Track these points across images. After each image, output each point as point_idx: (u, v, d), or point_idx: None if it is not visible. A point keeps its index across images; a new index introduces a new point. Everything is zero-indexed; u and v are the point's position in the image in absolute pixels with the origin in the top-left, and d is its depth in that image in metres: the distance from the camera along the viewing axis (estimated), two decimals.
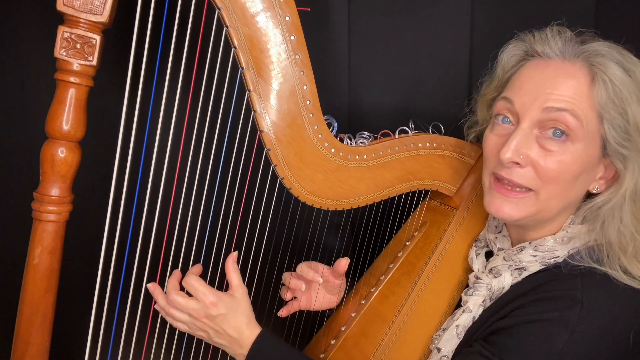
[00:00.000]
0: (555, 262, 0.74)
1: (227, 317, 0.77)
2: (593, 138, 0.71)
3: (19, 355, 0.71)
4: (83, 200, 0.76)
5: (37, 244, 0.69)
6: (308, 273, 0.91)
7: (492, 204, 0.76)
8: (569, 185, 0.72)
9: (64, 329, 0.80)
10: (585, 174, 0.73)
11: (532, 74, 0.74)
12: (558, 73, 0.72)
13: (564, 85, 0.70)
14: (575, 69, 0.71)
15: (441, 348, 0.79)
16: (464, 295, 0.83)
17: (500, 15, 1.13)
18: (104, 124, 0.81)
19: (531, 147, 0.71)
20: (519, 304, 0.72)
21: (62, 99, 0.67)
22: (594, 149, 0.71)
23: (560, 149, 0.70)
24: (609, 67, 0.69)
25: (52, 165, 0.68)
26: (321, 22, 1.06)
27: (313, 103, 0.78)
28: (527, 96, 0.72)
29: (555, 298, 0.69)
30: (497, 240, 0.84)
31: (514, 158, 0.71)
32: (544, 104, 0.70)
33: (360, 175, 0.86)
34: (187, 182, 0.76)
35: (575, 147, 0.70)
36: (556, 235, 0.76)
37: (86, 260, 0.85)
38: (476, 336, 0.77)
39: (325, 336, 0.97)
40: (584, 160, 0.71)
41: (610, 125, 0.69)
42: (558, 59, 0.73)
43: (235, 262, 0.81)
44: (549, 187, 0.72)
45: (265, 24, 0.73)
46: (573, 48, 0.73)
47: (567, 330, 0.65)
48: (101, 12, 0.66)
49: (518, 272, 0.77)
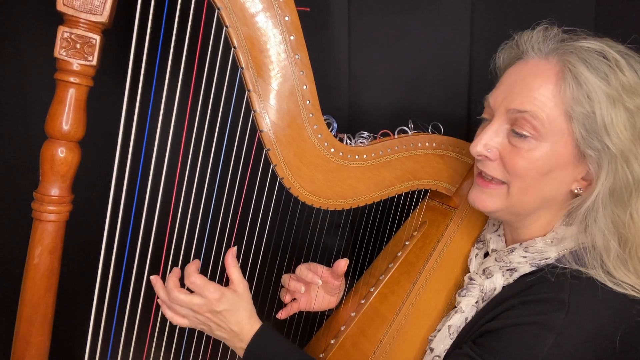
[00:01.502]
0: (546, 263, 0.74)
1: (230, 312, 0.77)
2: (562, 136, 0.70)
3: (19, 355, 0.71)
4: (83, 200, 0.76)
5: (37, 244, 0.69)
6: (307, 275, 0.92)
7: (472, 194, 0.80)
8: (537, 181, 0.73)
9: (63, 328, 0.80)
10: (559, 172, 0.72)
11: (510, 73, 0.76)
12: (530, 72, 0.73)
13: (532, 84, 0.71)
14: (548, 67, 0.71)
15: (434, 348, 0.79)
16: (457, 296, 0.83)
17: (500, 15, 1.13)
18: (104, 123, 0.81)
19: (500, 142, 0.74)
20: (508, 306, 0.72)
21: (62, 99, 0.67)
22: (564, 147, 0.71)
23: (526, 146, 0.71)
24: (577, 66, 0.68)
25: (52, 165, 0.68)
26: (321, 22, 1.06)
27: (313, 103, 0.78)
28: (500, 96, 0.75)
29: (543, 301, 0.69)
30: (491, 241, 0.85)
31: (482, 151, 0.75)
32: (508, 105, 0.73)
33: (360, 175, 0.86)
34: (186, 181, 0.76)
35: (540, 145, 0.71)
36: (545, 237, 0.76)
37: (86, 260, 0.85)
38: (466, 338, 0.77)
39: (324, 336, 0.97)
40: (552, 158, 0.71)
41: (578, 124, 0.69)
42: (536, 58, 0.74)
43: (235, 257, 0.81)
44: (516, 182, 0.74)
45: (264, 24, 0.73)
46: (551, 45, 0.73)
47: (552, 333, 0.65)
48: (101, 12, 0.66)
49: (509, 273, 0.77)
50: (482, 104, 0.81)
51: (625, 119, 0.67)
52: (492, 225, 0.88)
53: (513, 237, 0.82)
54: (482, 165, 0.77)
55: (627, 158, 0.68)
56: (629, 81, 0.68)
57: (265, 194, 0.81)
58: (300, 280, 0.93)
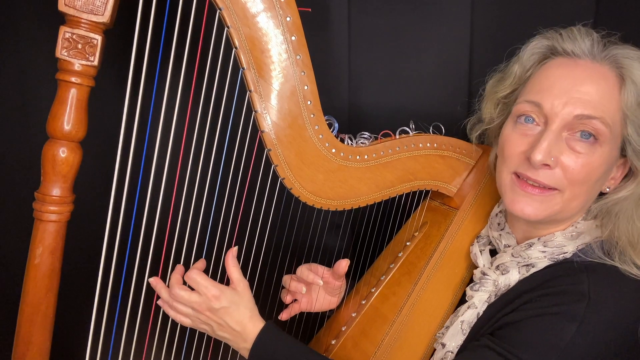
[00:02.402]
0: (564, 257, 0.75)
1: (229, 310, 0.77)
2: (617, 139, 0.72)
3: (20, 355, 0.71)
4: (84, 200, 0.76)
5: (38, 244, 0.69)
6: (308, 276, 0.91)
7: (517, 203, 0.75)
8: (592, 186, 0.73)
9: (64, 328, 0.80)
10: (607, 175, 0.75)
11: (561, 73, 0.73)
12: (588, 74, 0.72)
13: (594, 88, 0.71)
14: (604, 70, 0.72)
15: (446, 344, 0.79)
16: (469, 290, 0.82)
17: (501, 16, 1.13)
18: (105, 124, 0.81)
19: (562, 150, 0.71)
20: (527, 299, 0.72)
21: (63, 99, 0.67)
22: (616, 150, 0.73)
23: (589, 151, 0.71)
24: (633, 71, 0.71)
25: (54, 165, 0.68)
26: (321, 22, 1.06)
27: (314, 103, 0.78)
28: (558, 99, 0.71)
29: (563, 293, 0.70)
30: (501, 238, 0.84)
31: (546, 160, 0.71)
32: (574, 111, 0.70)
33: (361, 176, 0.86)
34: (188, 182, 0.76)
35: (602, 150, 0.71)
36: (565, 231, 0.77)
37: (87, 260, 0.85)
38: (483, 331, 0.77)
39: (325, 336, 0.97)
40: (607, 162, 0.72)
41: (634, 126, 0.71)
42: (587, 59, 0.73)
43: (235, 257, 0.81)
44: (574, 188, 0.72)
45: (266, 25, 0.73)
46: (601, 49, 0.73)
47: (574, 323, 0.66)
48: (102, 12, 0.66)
49: (526, 268, 0.77)
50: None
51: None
52: (496, 224, 0.88)
53: (526, 235, 0.81)
54: (534, 174, 0.73)
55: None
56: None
57: (266, 194, 0.81)
58: (301, 281, 0.93)
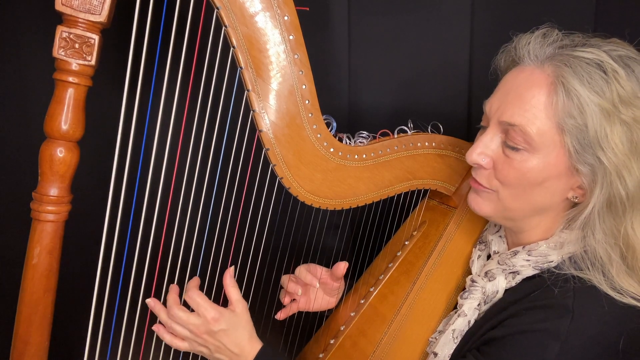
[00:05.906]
0: (549, 267, 0.74)
1: (228, 333, 0.77)
2: (554, 148, 0.69)
3: (18, 355, 0.71)
4: (82, 200, 0.76)
5: (35, 244, 0.69)
6: (306, 277, 0.91)
7: (469, 197, 0.81)
8: (529, 190, 0.72)
9: (63, 328, 0.80)
10: (552, 182, 0.71)
11: (506, 80, 0.75)
12: (525, 80, 0.71)
13: (525, 95, 0.70)
14: (542, 76, 0.69)
15: (438, 352, 0.79)
16: (459, 298, 0.82)
17: (500, 16, 1.13)
18: (103, 123, 0.81)
19: (496, 152, 0.74)
20: (512, 313, 0.72)
21: (60, 99, 0.67)
22: (557, 159, 0.70)
23: (518, 157, 0.71)
24: (569, 78, 0.66)
25: (51, 165, 0.68)
26: (321, 22, 1.06)
27: (312, 103, 0.78)
28: (494, 104, 0.74)
29: (547, 307, 0.68)
30: (493, 243, 0.84)
31: (478, 160, 0.75)
32: (500, 117, 0.72)
33: (359, 175, 0.86)
34: (185, 181, 0.76)
35: (533, 156, 0.70)
36: (549, 240, 0.76)
37: (85, 260, 0.85)
38: (469, 345, 0.76)
39: (324, 336, 0.97)
40: (544, 169, 0.70)
41: (571, 137, 0.67)
42: (532, 65, 0.72)
43: (233, 277, 0.81)
44: (507, 190, 0.74)
45: (264, 24, 0.73)
46: (548, 52, 0.71)
47: (558, 341, 0.65)
48: (99, 11, 0.66)
49: (512, 275, 0.77)
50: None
51: (622, 132, 0.66)
52: (493, 226, 0.88)
53: (514, 240, 0.82)
54: (474, 173, 0.78)
55: (621, 173, 0.66)
56: (627, 92, 0.65)
57: (264, 193, 0.81)
58: (299, 282, 0.93)
